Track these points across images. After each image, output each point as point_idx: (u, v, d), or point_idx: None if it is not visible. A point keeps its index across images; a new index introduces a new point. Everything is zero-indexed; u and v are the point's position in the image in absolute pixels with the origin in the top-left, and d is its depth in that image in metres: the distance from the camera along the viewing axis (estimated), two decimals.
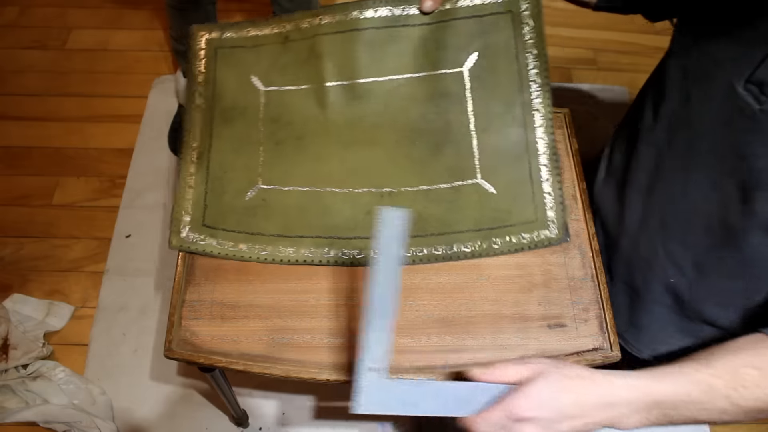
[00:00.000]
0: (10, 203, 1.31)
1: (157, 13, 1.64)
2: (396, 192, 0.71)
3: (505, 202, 0.71)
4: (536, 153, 0.72)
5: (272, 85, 0.76)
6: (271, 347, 0.64)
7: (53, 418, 1.03)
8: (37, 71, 1.52)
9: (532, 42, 0.73)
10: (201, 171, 0.72)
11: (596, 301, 0.68)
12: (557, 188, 0.71)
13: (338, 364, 0.64)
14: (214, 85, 0.76)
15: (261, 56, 0.77)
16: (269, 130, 0.74)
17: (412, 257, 0.68)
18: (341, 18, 0.74)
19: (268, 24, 0.77)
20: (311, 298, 0.67)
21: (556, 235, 0.69)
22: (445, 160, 0.72)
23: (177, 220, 0.70)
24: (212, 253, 0.68)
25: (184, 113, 0.76)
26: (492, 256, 0.69)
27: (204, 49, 0.78)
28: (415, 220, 0.70)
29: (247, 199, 0.71)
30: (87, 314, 1.18)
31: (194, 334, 0.64)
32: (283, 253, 0.68)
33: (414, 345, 0.65)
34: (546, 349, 0.65)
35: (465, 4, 0.73)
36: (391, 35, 0.74)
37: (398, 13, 0.73)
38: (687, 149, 0.62)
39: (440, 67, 0.74)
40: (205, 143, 0.74)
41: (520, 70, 0.73)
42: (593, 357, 0.65)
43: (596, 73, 1.61)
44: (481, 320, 0.67)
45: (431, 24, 0.73)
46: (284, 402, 1.10)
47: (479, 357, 0.65)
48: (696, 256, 0.65)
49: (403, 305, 0.67)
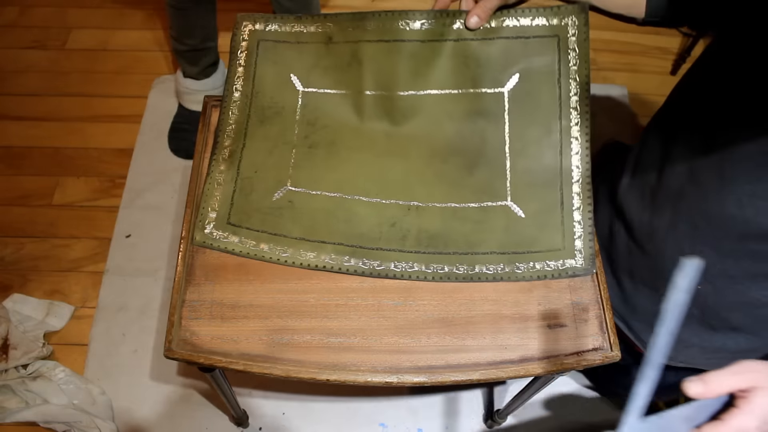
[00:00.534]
0: (10, 203, 1.31)
1: (157, 13, 1.64)
2: (424, 207, 0.71)
3: (533, 228, 0.70)
4: (570, 181, 0.71)
5: (311, 87, 0.75)
6: (271, 347, 0.64)
7: (53, 418, 1.03)
8: (37, 71, 1.52)
9: (576, 69, 0.72)
10: (231, 170, 0.72)
11: (596, 301, 0.68)
12: (587, 218, 0.69)
13: (338, 364, 0.64)
14: (253, 80, 0.76)
15: (303, 54, 0.76)
16: (304, 132, 0.74)
17: (432, 274, 0.68)
18: (387, 26, 0.72)
19: (313, 21, 0.75)
20: (311, 298, 0.67)
21: (581, 266, 0.68)
22: (476, 180, 0.72)
23: (203, 216, 0.70)
24: (233, 251, 0.69)
25: (221, 108, 0.76)
26: (513, 281, 0.68)
27: (247, 40, 0.77)
28: (440, 237, 0.69)
29: (275, 199, 0.71)
30: (87, 314, 1.18)
31: (194, 334, 0.64)
32: (304, 257, 0.68)
33: (414, 345, 0.65)
34: (546, 349, 0.65)
35: (511, 24, 0.72)
36: (434, 49, 0.72)
37: (443, 27, 0.71)
38: (724, 156, 0.61)
39: (480, 86, 0.73)
40: (239, 142, 0.74)
41: (561, 95, 0.72)
42: (593, 357, 0.65)
43: (596, 73, 1.61)
44: (481, 320, 0.67)
45: (475, 40, 0.72)
46: (284, 402, 1.10)
47: (479, 357, 0.65)
48: (726, 262, 0.64)
49: (403, 305, 0.67)
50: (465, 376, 0.63)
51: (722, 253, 0.64)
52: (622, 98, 1.58)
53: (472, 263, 0.68)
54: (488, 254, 0.69)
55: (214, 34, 1.29)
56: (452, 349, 0.65)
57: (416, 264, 0.68)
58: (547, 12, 0.72)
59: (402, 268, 0.68)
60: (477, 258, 0.69)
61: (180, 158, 1.38)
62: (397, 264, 0.68)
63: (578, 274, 0.68)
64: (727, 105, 0.62)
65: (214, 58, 1.34)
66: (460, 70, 0.73)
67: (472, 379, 0.63)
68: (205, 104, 0.79)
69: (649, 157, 0.74)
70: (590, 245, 0.69)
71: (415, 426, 1.10)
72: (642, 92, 1.60)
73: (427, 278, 0.67)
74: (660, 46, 1.67)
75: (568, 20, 0.72)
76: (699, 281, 0.67)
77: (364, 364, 0.64)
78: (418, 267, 0.68)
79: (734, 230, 0.62)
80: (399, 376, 0.63)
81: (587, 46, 0.72)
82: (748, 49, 0.60)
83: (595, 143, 0.88)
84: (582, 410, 1.13)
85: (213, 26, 1.27)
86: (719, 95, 0.63)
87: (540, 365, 0.64)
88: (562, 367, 0.65)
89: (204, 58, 1.31)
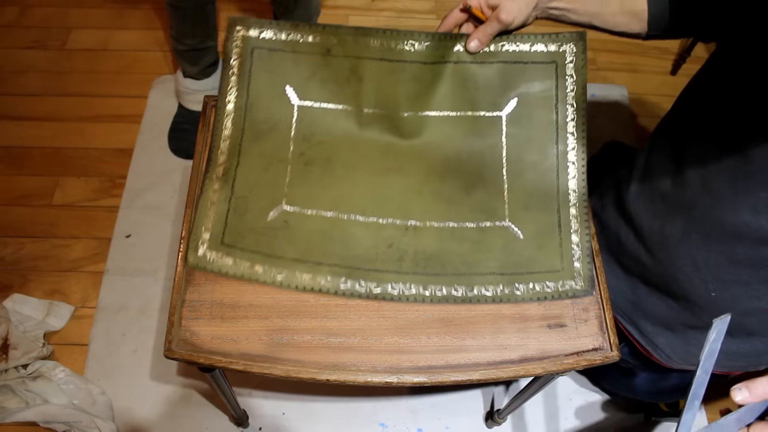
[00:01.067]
0: (10, 203, 1.31)
1: (157, 13, 1.64)
2: (421, 226, 0.70)
3: (532, 249, 0.69)
4: (567, 204, 0.71)
5: (307, 99, 0.74)
6: (271, 347, 0.64)
7: (53, 418, 1.03)
8: (37, 71, 1.52)
9: (574, 94, 0.73)
10: (225, 189, 0.71)
11: (596, 301, 0.68)
12: (585, 240, 0.70)
13: (338, 364, 0.64)
14: (247, 91, 0.74)
15: (300, 64, 0.74)
16: (299, 149, 0.73)
17: (431, 297, 0.67)
18: (390, 46, 0.73)
19: (311, 31, 0.74)
20: (311, 298, 0.67)
21: (581, 287, 0.68)
22: (474, 200, 0.72)
23: (196, 236, 0.68)
24: (227, 273, 0.67)
25: (214, 120, 0.74)
26: (513, 303, 0.67)
27: (240, 47, 0.74)
28: (437, 258, 0.69)
29: (269, 219, 0.70)
30: (87, 314, 1.18)
31: (194, 334, 0.64)
32: (299, 279, 0.67)
33: (414, 345, 0.65)
34: (546, 349, 0.65)
35: (510, 48, 0.73)
36: (434, 71, 0.73)
37: (444, 49, 0.72)
38: (738, 164, 0.61)
39: (479, 109, 0.74)
40: (233, 160, 0.72)
41: (557, 120, 0.73)
42: (593, 357, 0.65)
43: (596, 73, 1.61)
44: (481, 320, 0.67)
45: (474, 63, 0.73)
46: (284, 402, 1.10)
47: (479, 357, 0.65)
48: (740, 269, 0.64)
49: (403, 305, 0.67)
50: (465, 376, 0.63)
51: (736, 261, 0.64)
52: (622, 98, 1.58)
53: (471, 284, 0.68)
54: (487, 275, 0.68)
55: (214, 34, 1.29)
56: (452, 349, 0.65)
57: (413, 285, 0.67)
58: (546, 38, 0.74)
59: (399, 290, 0.67)
60: (475, 279, 0.68)
61: (180, 158, 1.38)
62: (394, 285, 0.67)
63: (578, 295, 0.68)
64: (740, 113, 0.61)
65: (214, 58, 1.34)
66: (459, 92, 0.74)
67: (472, 379, 0.63)
68: (205, 104, 0.79)
69: (659, 164, 0.73)
70: (589, 267, 0.69)
71: (415, 426, 1.10)
72: (642, 92, 1.60)
73: (425, 300, 0.67)
74: (660, 46, 1.67)
75: (566, 47, 0.74)
76: (713, 287, 0.67)
77: (364, 364, 0.64)
78: (415, 289, 0.67)
79: (749, 238, 0.61)
80: (399, 376, 0.63)
81: (584, 73, 0.73)
82: (754, 57, 0.60)
83: (596, 144, 0.89)
84: (583, 410, 1.13)
85: (213, 26, 1.26)
86: (730, 103, 0.63)
87: (540, 365, 0.64)
88: (562, 367, 0.65)
89: (204, 58, 1.31)
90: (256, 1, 1.67)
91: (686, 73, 1.61)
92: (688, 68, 1.61)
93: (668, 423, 1.11)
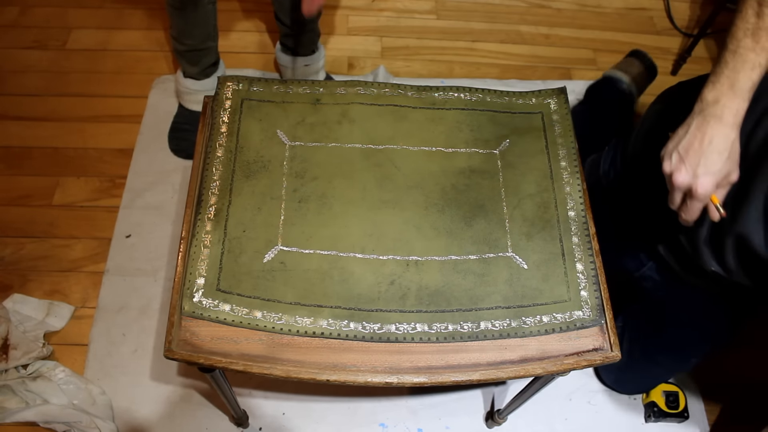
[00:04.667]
0: (10, 203, 1.31)
1: (157, 13, 1.64)
2: (423, 261, 0.69)
3: (537, 279, 0.69)
4: (569, 232, 0.71)
5: (299, 141, 0.75)
6: (271, 347, 0.64)
7: (53, 418, 1.02)
8: (37, 71, 1.52)
9: (562, 138, 0.78)
10: (218, 230, 0.69)
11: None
12: (590, 268, 0.69)
13: (338, 364, 0.64)
14: (237, 136, 0.74)
15: (289, 113, 0.76)
16: (292, 186, 0.72)
17: (436, 335, 0.65)
18: (381, 94, 0.78)
19: (299, 85, 0.78)
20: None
21: (589, 317, 0.67)
22: (475, 231, 0.71)
23: (190, 283, 0.67)
24: (225, 320, 0.65)
25: (203, 167, 0.73)
26: (521, 337, 0.66)
27: (230, 99, 0.77)
28: (442, 294, 0.67)
29: (266, 261, 0.68)
30: (87, 314, 1.18)
31: (194, 334, 0.64)
32: (300, 324, 0.65)
33: (414, 345, 0.65)
34: (546, 349, 0.65)
35: (498, 101, 0.81)
36: (426, 115, 0.78)
37: (435, 98, 0.79)
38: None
39: (473, 147, 0.77)
40: (224, 200, 0.71)
41: (550, 158, 0.77)
42: (593, 357, 0.65)
43: (596, 73, 1.61)
44: None
45: (465, 110, 0.79)
46: (284, 402, 1.10)
47: (479, 357, 0.65)
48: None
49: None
50: (465, 376, 0.63)
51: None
52: None
53: (477, 320, 0.66)
54: (493, 309, 0.67)
55: (214, 34, 1.29)
56: (452, 350, 0.65)
57: (419, 324, 0.66)
58: (529, 95, 0.81)
59: (404, 330, 0.65)
60: (482, 314, 0.66)
61: (180, 158, 1.38)
62: (398, 326, 0.65)
63: (586, 325, 0.67)
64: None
65: (214, 58, 1.34)
66: (453, 133, 0.77)
67: (472, 379, 0.63)
68: (205, 104, 0.79)
69: None
70: (596, 295, 0.68)
71: (415, 426, 1.10)
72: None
73: (431, 339, 0.65)
74: (660, 46, 1.67)
75: (549, 100, 0.81)
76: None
77: (364, 365, 0.64)
78: (420, 327, 0.65)
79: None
80: (399, 376, 0.63)
81: (570, 119, 0.79)
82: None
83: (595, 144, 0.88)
84: (583, 410, 1.13)
85: (213, 26, 1.26)
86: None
87: (540, 365, 0.64)
88: (562, 367, 0.65)
89: (204, 58, 1.30)
90: (257, 1, 1.67)
91: (686, 73, 1.61)
92: (689, 68, 1.61)
93: (668, 423, 1.11)
